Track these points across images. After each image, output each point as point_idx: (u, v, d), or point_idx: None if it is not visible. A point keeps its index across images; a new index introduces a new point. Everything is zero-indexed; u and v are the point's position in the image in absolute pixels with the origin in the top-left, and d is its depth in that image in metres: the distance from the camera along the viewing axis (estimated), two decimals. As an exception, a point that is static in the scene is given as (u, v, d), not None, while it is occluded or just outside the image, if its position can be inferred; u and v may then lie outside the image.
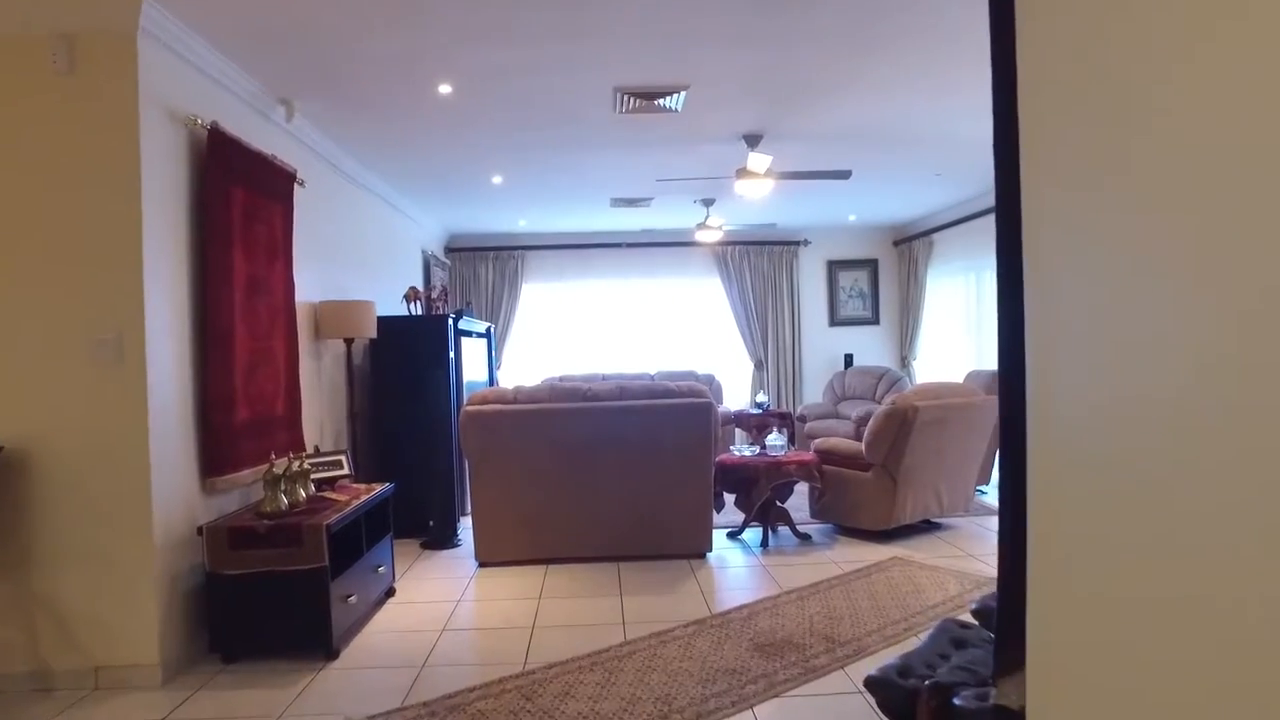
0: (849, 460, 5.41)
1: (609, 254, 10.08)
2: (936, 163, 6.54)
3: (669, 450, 4.84)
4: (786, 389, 10.12)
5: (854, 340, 10.34)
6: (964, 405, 5.24)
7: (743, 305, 10.05)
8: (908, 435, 5.04)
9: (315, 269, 5.25)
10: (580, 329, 10.27)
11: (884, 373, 9.26)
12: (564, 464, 4.82)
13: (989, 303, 8.32)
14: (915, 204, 8.58)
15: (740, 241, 9.96)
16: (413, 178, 6.64)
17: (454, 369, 6.01)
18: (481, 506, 4.85)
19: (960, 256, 8.83)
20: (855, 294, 10.40)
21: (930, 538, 5.44)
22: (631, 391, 4.85)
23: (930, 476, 5.32)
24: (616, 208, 8.11)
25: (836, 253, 10.33)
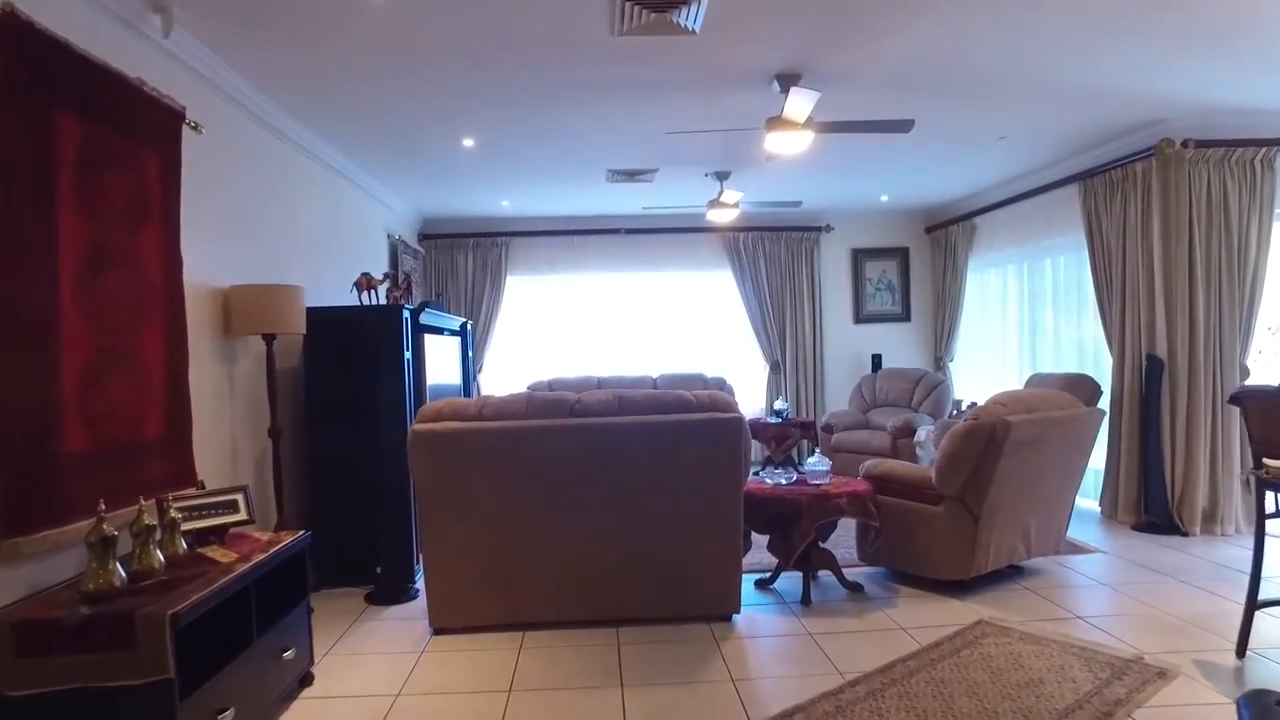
0: (912, 490, 4.22)
1: (606, 241, 8.89)
2: (1004, 120, 5.35)
3: (685, 481, 3.66)
4: (807, 394, 8.93)
5: (882, 339, 9.15)
6: (1064, 420, 4.06)
7: (757, 300, 8.87)
8: (995, 459, 3.86)
9: (227, 245, 4.06)
10: (573, 327, 9.07)
11: (921, 376, 8.08)
12: (545, 499, 3.64)
13: (1046, 296, 7.14)
14: (958, 181, 7.40)
15: (754, 228, 8.78)
16: (367, 142, 5.44)
17: (412, 373, 4.82)
18: (436, 556, 3.66)
19: (1008, 242, 7.65)
20: (883, 286, 9.22)
21: (1015, 588, 4.26)
22: (634, 404, 3.66)
23: (1020, 511, 4.15)
24: (615, 183, 6.93)
25: (862, 240, 9.14)
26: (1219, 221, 5.42)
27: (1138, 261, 5.66)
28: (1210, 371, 5.41)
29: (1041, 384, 6.12)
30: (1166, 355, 5.48)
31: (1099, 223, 6.03)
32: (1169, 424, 5.46)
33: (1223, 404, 5.40)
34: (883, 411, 8.01)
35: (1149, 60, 4.29)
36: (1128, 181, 5.74)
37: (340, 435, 4.62)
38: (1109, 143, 5.88)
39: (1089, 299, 6.33)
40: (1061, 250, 6.80)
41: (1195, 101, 5.07)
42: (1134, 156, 5.65)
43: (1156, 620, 3.77)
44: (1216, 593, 4.17)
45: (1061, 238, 6.72)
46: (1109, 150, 5.92)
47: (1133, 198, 5.69)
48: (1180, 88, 4.78)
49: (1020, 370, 7.53)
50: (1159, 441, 5.46)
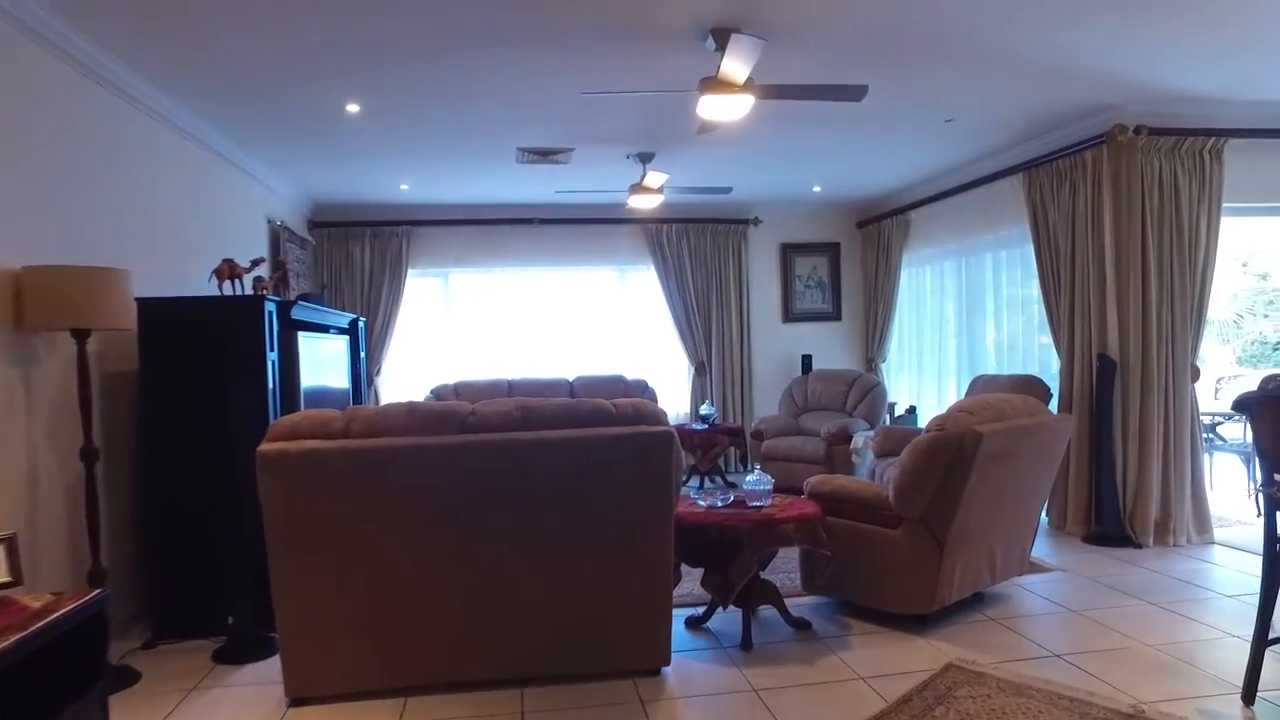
0: (866, 511, 3.67)
1: (518, 232, 8.16)
2: (954, 98, 4.89)
3: (604, 509, 3.00)
4: (735, 398, 8.40)
5: (813, 339, 8.71)
6: (1035, 428, 3.58)
7: (681, 297, 8.29)
8: (964, 476, 3.34)
9: (33, 221, 3.21)
10: (482, 326, 8.31)
11: (855, 378, 7.65)
12: (432, 534, 2.92)
13: (987, 293, 6.78)
14: (894, 171, 6.98)
15: (679, 219, 8.20)
16: (234, 107, 4.58)
17: (279, 378, 4.02)
18: (294, 608, 2.90)
19: (946, 237, 7.28)
20: (814, 284, 8.78)
21: (979, 620, 3.76)
22: (542, 416, 2.98)
23: (987, 534, 3.65)
24: (526, 164, 6.22)
25: (792, 234, 8.67)
26: (1170, 214, 5.10)
27: (1088, 256, 5.30)
28: (1163, 372, 5.08)
29: (988, 387, 5.73)
30: (1119, 355, 5.12)
31: (1045, 215, 5.66)
32: (1121, 429, 5.11)
33: (1175, 407, 5.08)
34: (815, 416, 7.54)
35: (1107, 36, 3.94)
36: (1076, 171, 5.38)
37: (184, 455, 3.78)
38: (1057, 129, 5.52)
39: (1034, 296, 5.97)
40: (1004, 245, 6.44)
41: (1147, 86, 4.73)
42: (1083, 144, 5.29)
43: (1142, 657, 3.32)
44: (1193, 617, 3.78)
45: (1004, 231, 6.36)
46: (1057, 138, 5.55)
47: (1082, 188, 5.33)
48: (1135, 69, 4.43)
49: (958, 372, 7.18)
50: (1111, 448, 5.10)
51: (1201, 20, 3.77)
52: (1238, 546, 5.03)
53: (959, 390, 7.15)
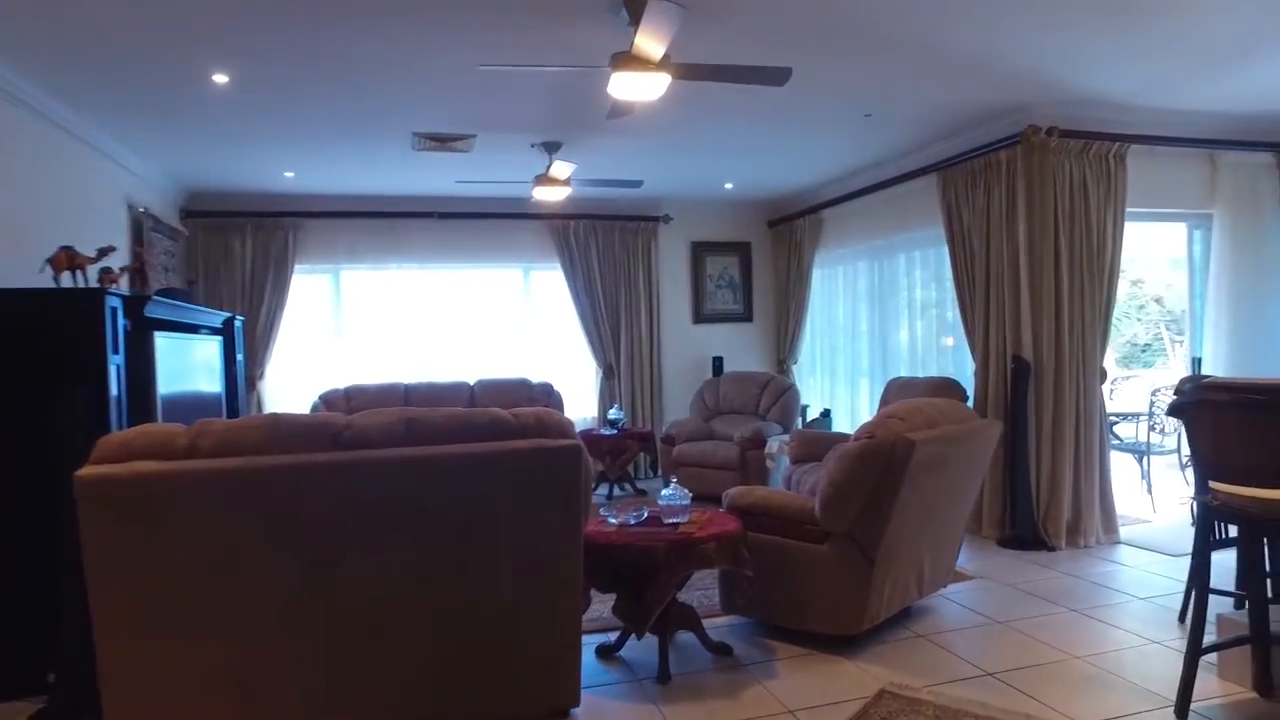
0: (789, 525, 3.42)
1: (416, 227, 7.64)
2: (874, 89, 4.73)
3: (503, 534, 2.63)
4: (644, 401, 8.12)
5: (724, 340, 8.51)
6: (967, 434, 3.41)
7: (589, 296, 7.94)
8: (896, 487, 3.12)
9: None
10: (378, 326, 7.75)
11: (768, 380, 7.48)
12: (302, 570, 2.48)
13: (901, 294, 6.71)
14: (807, 169, 6.84)
15: (587, 215, 7.86)
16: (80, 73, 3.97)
17: (124, 385, 3.47)
18: (123, 663, 2.41)
19: (859, 237, 7.19)
20: (724, 284, 8.59)
21: (907, 637, 3.57)
22: (431, 429, 2.58)
23: (917, 546, 3.45)
24: (424, 152, 5.75)
25: (703, 233, 8.45)
26: (1080, 216, 5.09)
27: (1002, 257, 5.24)
28: (1075, 374, 5.06)
29: (903, 390, 5.62)
30: (1033, 357, 5.08)
31: (960, 215, 5.59)
32: (1035, 432, 5.07)
33: (1085, 408, 5.07)
34: (727, 419, 7.33)
35: (1028, 31, 3.86)
36: (990, 171, 5.32)
37: None
38: (973, 129, 5.45)
39: (949, 298, 5.91)
40: (917, 245, 6.37)
41: (1061, 87, 4.71)
42: (998, 144, 5.23)
43: (1072, 672, 3.18)
44: (1114, 624, 3.71)
45: (918, 232, 6.29)
46: (972, 137, 5.49)
47: (996, 188, 5.27)
48: (1051, 67, 4.37)
49: (871, 374, 7.10)
50: (1025, 451, 5.05)
51: (1114, 21, 3.74)
52: (1141, 545, 5.05)
53: (872, 393, 7.07)
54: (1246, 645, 2.85)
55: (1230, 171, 5.67)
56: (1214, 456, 2.62)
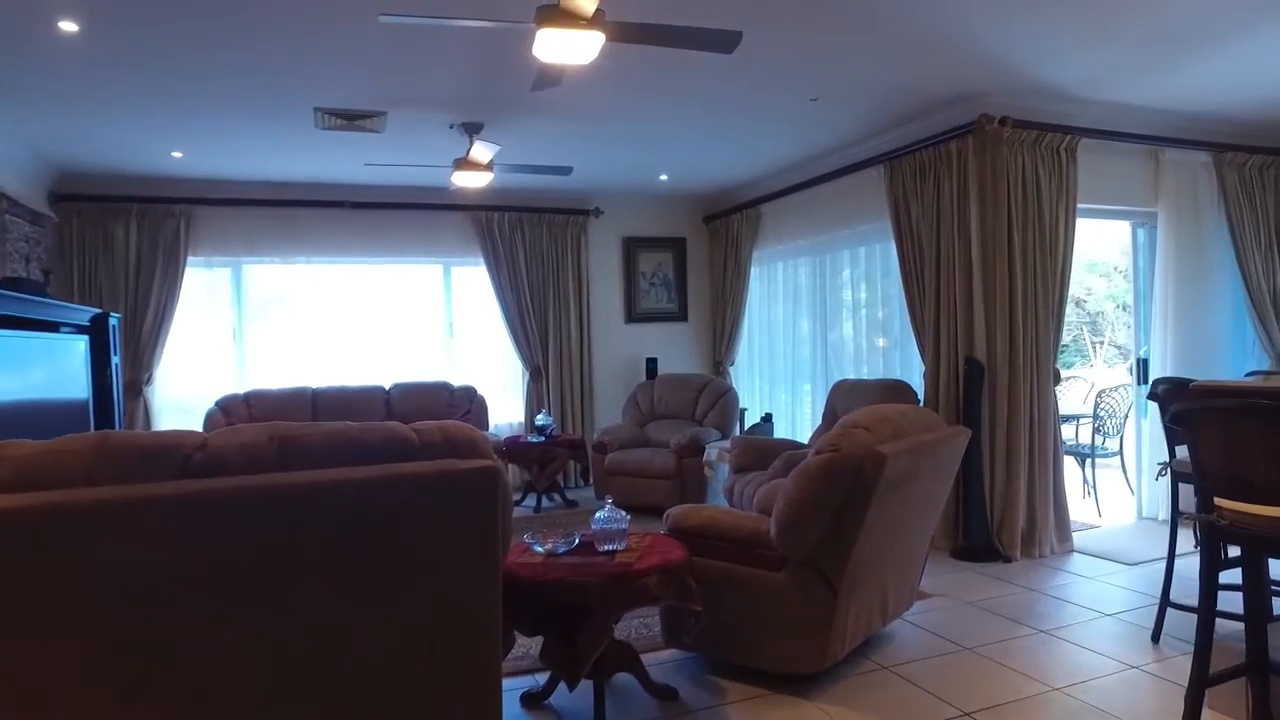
0: (741, 550, 3.01)
1: (325, 218, 6.99)
2: (824, 70, 4.37)
3: (403, 575, 2.13)
4: (574, 406, 7.64)
5: (658, 341, 8.11)
6: (936, 444, 3.05)
7: (514, 293, 7.43)
8: (864, 507, 2.74)
9: None
10: (284, 325, 7.09)
11: (705, 383, 7.10)
12: (135, 633, 1.94)
13: (845, 292, 6.42)
14: (747, 160, 6.48)
15: (512, 207, 7.35)
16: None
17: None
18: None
19: (800, 233, 6.87)
20: (658, 281, 8.18)
21: (871, 671, 3.19)
22: (308, 450, 2.06)
23: (882, 570, 3.08)
24: (329, 131, 5.16)
25: (636, 228, 8.03)
26: (1033, 210, 4.85)
27: (953, 252, 4.97)
28: (1029, 376, 4.82)
29: (851, 393, 5.30)
30: (986, 358, 4.82)
31: (908, 210, 5.30)
32: (989, 437, 4.80)
33: (1040, 411, 4.83)
34: (662, 425, 6.92)
35: (989, 12, 3.59)
36: (941, 163, 5.04)
37: None
38: (922, 118, 5.17)
39: (896, 296, 5.63)
40: (863, 241, 6.08)
41: (1015, 75, 4.48)
42: (948, 134, 4.96)
43: (1054, 707, 2.86)
44: (1087, 645, 3.43)
45: (863, 227, 5.99)
46: (921, 127, 5.20)
47: (947, 181, 5.00)
48: (1007, 53, 4.16)
49: (813, 376, 6.79)
50: (979, 457, 4.78)
51: (1080, 3, 3.47)
52: (1095, 553, 4.85)
53: (814, 396, 6.77)
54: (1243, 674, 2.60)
55: (1172, 170, 5.55)
56: (1224, 470, 2.32)
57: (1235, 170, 5.63)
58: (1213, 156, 5.61)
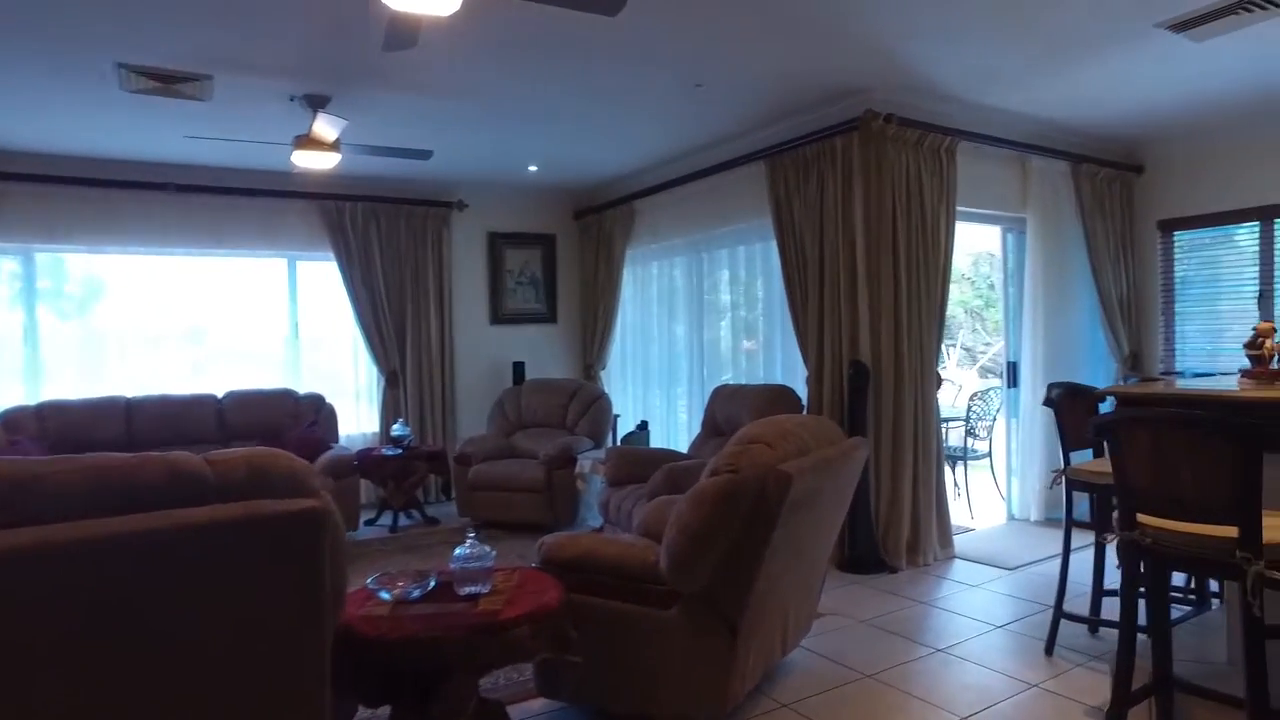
0: (626, 585, 2.61)
1: (144, 201, 6.05)
2: (709, 55, 4.07)
3: (196, 652, 1.61)
4: (435, 414, 7.04)
5: (525, 344, 7.62)
6: (839, 460, 2.76)
7: (369, 291, 6.76)
8: (767, 533, 2.41)
9: None
10: (94, 324, 6.13)
11: (576, 389, 6.69)
12: None
13: (723, 293, 6.17)
14: (621, 152, 6.13)
15: (366, 197, 6.68)
16: None
17: None
18: None
19: (676, 231, 6.58)
20: (526, 280, 7.70)
21: (774, 711, 2.86)
22: (52, 491, 1.50)
23: (782, 598, 2.77)
24: (139, 95, 4.39)
25: (503, 223, 7.52)
26: (916, 210, 4.74)
27: (837, 252, 4.79)
28: (914, 380, 4.70)
29: (732, 399, 5.04)
30: (872, 362, 4.66)
31: (790, 208, 5.10)
32: (874, 444, 4.65)
33: (923, 417, 4.73)
34: (531, 434, 6.45)
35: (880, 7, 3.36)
36: (825, 159, 4.86)
37: None
38: (806, 112, 4.97)
39: (777, 296, 5.41)
40: (742, 240, 5.84)
41: (901, 71, 4.40)
42: (833, 130, 4.78)
43: (966, 745, 2.64)
44: (983, 664, 3.28)
45: (742, 225, 5.76)
46: (805, 122, 5.01)
47: (831, 178, 4.82)
48: (893, 45, 4.00)
49: (690, 381, 6.52)
50: (866, 466, 4.61)
51: None
52: (976, 559, 4.79)
53: (692, 402, 6.49)
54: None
55: (1038, 177, 5.63)
56: (1150, 485, 2.15)
57: (1089, 181, 5.78)
58: (1071, 166, 5.73)
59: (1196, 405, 2.38)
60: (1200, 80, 4.62)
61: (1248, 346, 2.76)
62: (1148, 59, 4.26)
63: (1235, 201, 5.57)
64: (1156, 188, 6.03)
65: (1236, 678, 2.66)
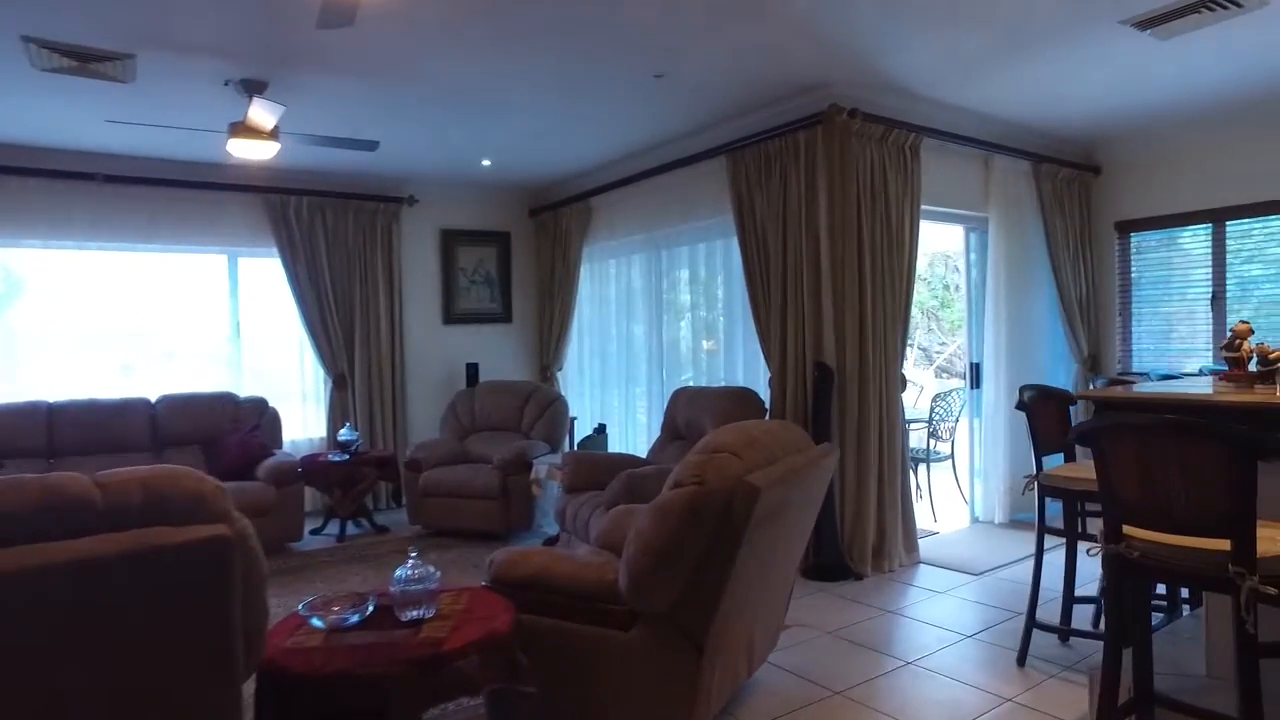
0: (582, 606, 2.43)
1: (71, 192, 5.67)
2: (673, 44, 3.89)
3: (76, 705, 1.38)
4: (385, 418, 6.76)
5: (479, 344, 7.38)
6: (807, 468, 2.59)
7: (315, 290, 6.46)
8: (733, 549, 2.24)
9: None
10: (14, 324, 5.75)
11: (531, 391, 6.47)
12: None
13: (683, 293, 6.01)
14: (579, 147, 5.93)
15: (311, 191, 6.39)
16: None
17: None
18: None
19: (635, 228, 6.40)
20: (480, 279, 7.45)
21: (733, 733, 2.72)
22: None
23: (748, 616, 2.60)
24: (54, 74, 4.07)
25: (456, 219, 7.27)
26: (881, 208, 4.64)
27: (801, 250, 4.66)
28: (879, 382, 4.59)
29: (693, 402, 4.88)
30: (836, 363, 4.54)
31: (752, 204, 4.95)
32: (839, 449, 4.52)
33: (888, 420, 4.61)
34: (485, 438, 6.22)
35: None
36: (788, 155, 4.72)
37: None
38: (769, 106, 4.83)
39: (738, 296, 5.27)
40: (703, 237, 5.69)
41: (865, 66, 4.31)
42: (796, 124, 4.64)
43: (942, 768, 2.50)
44: (954, 677, 3.16)
45: (703, 222, 5.60)
46: (767, 116, 4.86)
47: (794, 174, 4.68)
48: (858, 36, 3.87)
49: (649, 382, 6.35)
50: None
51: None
52: (941, 564, 4.70)
53: (651, 404, 6.32)
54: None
55: (1001, 176, 5.57)
56: (1138, 495, 2.03)
57: (1050, 181, 5.75)
58: (1032, 166, 5.69)
59: (1184, 410, 2.27)
60: (1155, 82, 4.63)
61: (1225, 348, 2.67)
62: (1111, 57, 4.21)
63: (1187, 204, 5.59)
64: (1113, 189, 6.03)
65: (1219, 692, 2.58)
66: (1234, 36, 3.96)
